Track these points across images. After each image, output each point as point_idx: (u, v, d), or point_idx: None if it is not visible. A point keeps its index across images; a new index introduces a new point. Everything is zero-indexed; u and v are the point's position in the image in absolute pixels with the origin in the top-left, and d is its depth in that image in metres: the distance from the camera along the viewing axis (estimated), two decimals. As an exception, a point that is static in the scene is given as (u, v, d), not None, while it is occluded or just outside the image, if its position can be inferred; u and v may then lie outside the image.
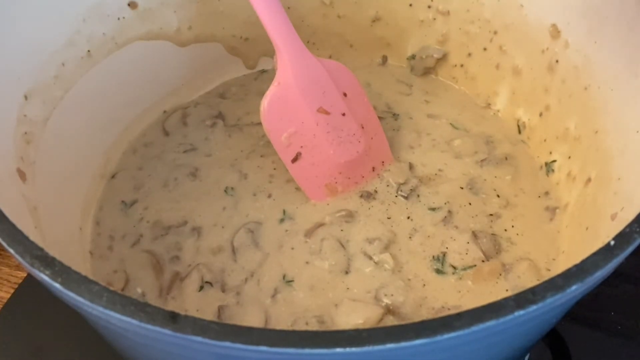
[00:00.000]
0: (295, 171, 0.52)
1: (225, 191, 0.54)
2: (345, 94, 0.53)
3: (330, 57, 0.66)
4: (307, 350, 0.25)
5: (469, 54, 0.63)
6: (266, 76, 0.66)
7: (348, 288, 0.47)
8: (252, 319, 0.45)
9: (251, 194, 0.54)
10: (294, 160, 0.52)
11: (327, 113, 0.52)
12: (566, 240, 0.50)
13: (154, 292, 0.48)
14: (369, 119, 0.55)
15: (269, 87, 0.51)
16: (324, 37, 0.66)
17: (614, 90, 0.46)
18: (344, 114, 0.53)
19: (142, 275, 0.49)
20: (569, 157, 0.52)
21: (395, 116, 0.61)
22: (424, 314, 0.45)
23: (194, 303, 0.47)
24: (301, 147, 0.52)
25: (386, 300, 0.46)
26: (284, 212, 0.52)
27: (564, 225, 0.51)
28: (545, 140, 0.56)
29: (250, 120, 0.61)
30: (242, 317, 0.46)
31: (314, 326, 0.45)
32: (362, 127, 0.54)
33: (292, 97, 0.51)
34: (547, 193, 0.54)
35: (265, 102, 0.50)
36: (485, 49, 0.61)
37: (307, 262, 0.49)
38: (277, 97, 0.51)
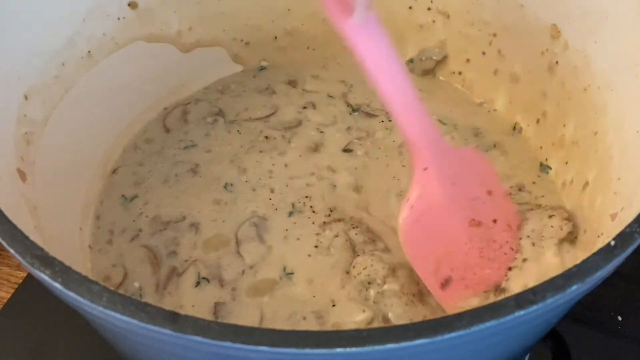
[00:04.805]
0: (443, 297, 0.43)
1: (224, 187, 0.54)
2: (489, 192, 0.44)
3: (326, 58, 0.66)
4: (307, 350, 0.25)
5: (468, 60, 0.63)
6: (264, 73, 0.66)
7: (344, 287, 0.47)
8: (249, 313, 0.46)
9: (250, 189, 0.54)
10: (444, 286, 0.43)
11: (478, 224, 0.43)
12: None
13: (151, 287, 0.48)
14: (511, 215, 0.45)
15: (405, 203, 0.42)
16: (324, 42, 0.66)
17: (614, 90, 0.46)
18: (495, 221, 0.44)
19: (140, 270, 0.49)
20: (566, 163, 0.52)
21: (388, 114, 0.61)
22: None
23: (190, 299, 0.47)
24: (451, 269, 0.43)
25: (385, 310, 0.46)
26: (284, 207, 0.53)
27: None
28: (541, 148, 0.56)
29: (249, 116, 0.61)
30: (239, 311, 0.46)
31: (311, 321, 0.45)
32: (510, 228, 0.45)
33: (438, 212, 0.41)
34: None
35: (404, 223, 0.41)
36: (484, 53, 0.61)
37: (309, 255, 0.49)
38: (420, 213, 0.41)
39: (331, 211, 0.52)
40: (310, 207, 0.52)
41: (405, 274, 0.47)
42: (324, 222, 0.51)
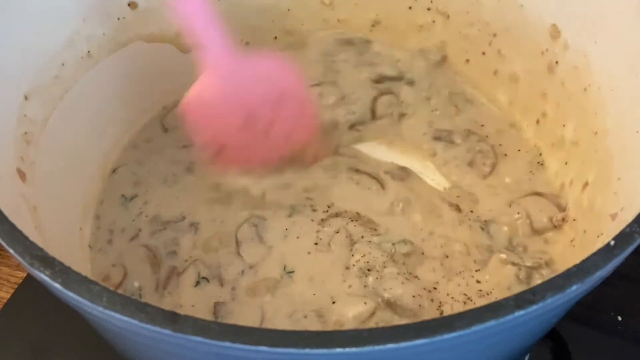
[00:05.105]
0: (213, 164, 0.51)
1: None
2: (281, 96, 0.50)
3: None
4: (307, 350, 0.25)
5: (467, 60, 0.62)
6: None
7: (345, 280, 0.47)
8: (249, 313, 0.46)
9: None
10: (215, 156, 0.50)
11: (255, 118, 0.49)
12: (564, 242, 0.50)
13: (150, 286, 0.48)
14: (301, 124, 0.52)
15: (192, 89, 0.48)
16: (324, 44, 0.66)
17: (614, 90, 0.46)
18: (273, 122, 0.50)
19: (140, 269, 0.49)
20: (566, 163, 0.52)
21: None
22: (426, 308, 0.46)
23: (190, 298, 0.47)
24: (223, 145, 0.50)
25: (386, 295, 0.46)
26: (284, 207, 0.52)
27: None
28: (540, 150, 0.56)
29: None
30: (239, 311, 0.46)
31: (312, 319, 0.45)
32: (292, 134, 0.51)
33: (219, 102, 0.48)
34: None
35: (187, 104, 0.48)
36: (483, 53, 0.61)
37: (309, 253, 0.49)
38: (202, 100, 0.48)
39: (329, 207, 0.52)
40: (310, 205, 0.52)
41: (403, 257, 0.48)
42: (322, 219, 0.51)
